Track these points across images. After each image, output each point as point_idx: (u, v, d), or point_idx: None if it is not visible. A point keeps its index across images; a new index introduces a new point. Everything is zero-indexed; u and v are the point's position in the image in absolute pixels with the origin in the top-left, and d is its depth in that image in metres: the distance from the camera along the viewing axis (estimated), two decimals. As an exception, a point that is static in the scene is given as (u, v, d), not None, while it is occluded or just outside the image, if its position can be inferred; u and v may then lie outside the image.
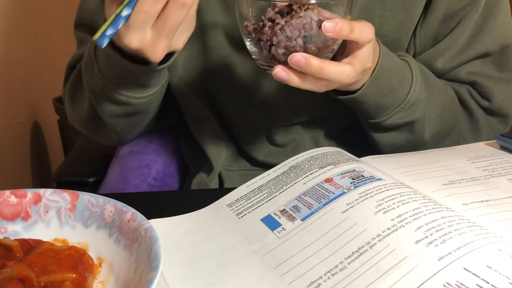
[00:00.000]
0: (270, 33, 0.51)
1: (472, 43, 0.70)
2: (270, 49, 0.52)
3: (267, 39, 0.51)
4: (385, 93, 0.62)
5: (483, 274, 0.36)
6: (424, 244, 0.40)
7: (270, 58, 0.52)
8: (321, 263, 0.42)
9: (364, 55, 0.54)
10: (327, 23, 0.48)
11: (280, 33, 0.50)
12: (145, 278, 0.39)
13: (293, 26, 0.50)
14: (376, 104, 0.63)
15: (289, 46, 0.51)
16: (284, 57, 0.51)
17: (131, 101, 0.64)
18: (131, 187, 0.80)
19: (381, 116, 0.65)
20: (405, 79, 0.63)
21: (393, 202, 0.45)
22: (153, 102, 0.69)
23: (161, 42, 0.51)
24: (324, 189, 0.50)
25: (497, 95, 0.73)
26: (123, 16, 0.49)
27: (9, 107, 1.34)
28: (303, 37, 0.51)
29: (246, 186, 0.56)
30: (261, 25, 0.52)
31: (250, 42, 0.54)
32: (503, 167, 0.60)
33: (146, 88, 0.63)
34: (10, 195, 0.50)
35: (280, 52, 0.51)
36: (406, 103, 0.63)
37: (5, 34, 1.33)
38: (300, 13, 0.51)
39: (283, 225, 0.48)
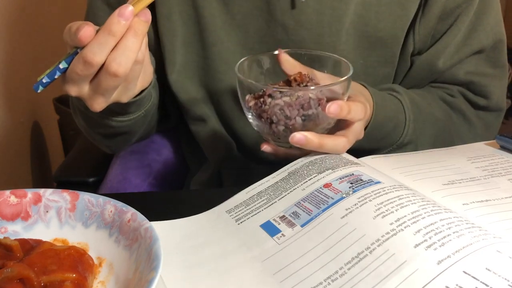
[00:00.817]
0: (270, 112, 0.54)
1: (468, 40, 0.72)
2: (270, 125, 0.54)
3: (267, 117, 0.54)
4: (379, 139, 0.66)
5: (483, 277, 0.36)
6: (423, 248, 0.40)
7: (271, 134, 0.55)
8: (321, 269, 0.42)
9: (357, 129, 0.58)
10: (332, 106, 0.52)
11: (280, 112, 0.53)
12: (145, 278, 0.39)
13: (292, 106, 0.53)
14: (370, 148, 0.67)
15: (288, 124, 0.54)
16: (284, 133, 0.55)
17: (112, 124, 0.65)
18: (132, 187, 0.80)
19: (375, 153, 0.68)
20: (398, 124, 0.67)
21: (391, 205, 0.45)
22: (138, 125, 0.69)
23: (97, 98, 0.52)
24: (323, 195, 0.50)
25: (493, 92, 0.75)
26: (60, 68, 0.51)
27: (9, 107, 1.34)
28: (302, 116, 0.54)
29: (245, 193, 0.56)
30: (262, 102, 0.54)
31: (251, 116, 0.57)
32: (503, 167, 0.60)
33: (126, 114, 0.64)
34: (10, 195, 0.50)
35: (280, 129, 0.55)
36: (399, 144, 0.68)
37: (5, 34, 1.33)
38: (299, 92, 0.53)
39: (282, 231, 0.48)
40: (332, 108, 0.52)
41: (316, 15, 0.67)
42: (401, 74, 0.74)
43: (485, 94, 0.75)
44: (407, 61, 0.73)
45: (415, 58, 0.73)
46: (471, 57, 0.73)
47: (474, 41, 0.72)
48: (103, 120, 0.64)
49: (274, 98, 0.54)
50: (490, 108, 0.77)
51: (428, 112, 0.71)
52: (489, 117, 0.78)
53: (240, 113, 0.75)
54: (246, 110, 0.57)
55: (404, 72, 0.74)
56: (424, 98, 0.73)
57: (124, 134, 0.70)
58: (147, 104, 0.65)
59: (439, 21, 0.70)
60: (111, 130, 0.67)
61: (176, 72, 0.73)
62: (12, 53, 1.37)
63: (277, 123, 0.54)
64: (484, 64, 0.74)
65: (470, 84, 0.75)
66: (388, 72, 0.72)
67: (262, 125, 0.56)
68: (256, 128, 0.57)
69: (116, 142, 0.73)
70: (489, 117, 0.78)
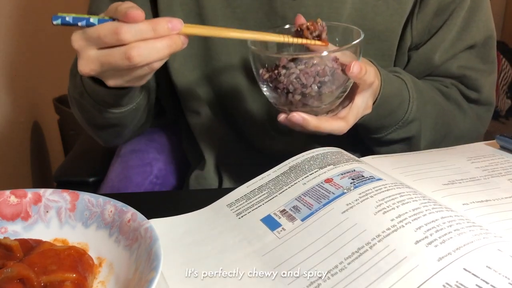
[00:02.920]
0: (286, 82, 0.54)
1: (462, 35, 0.73)
2: (287, 96, 0.54)
3: (284, 87, 0.54)
4: (385, 115, 0.67)
5: (483, 275, 0.36)
6: (424, 245, 0.40)
7: (288, 103, 0.55)
8: (321, 263, 0.42)
9: (361, 105, 0.59)
10: (355, 66, 0.53)
11: (296, 81, 0.53)
12: (145, 278, 0.39)
13: (308, 74, 0.53)
14: (376, 125, 0.68)
15: (305, 92, 0.54)
16: (301, 103, 0.55)
17: (104, 114, 0.66)
18: (133, 185, 0.80)
19: (380, 133, 0.70)
20: (403, 100, 0.68)
21: (393, 202, 0.45)
22: (130, 118, 0.70)
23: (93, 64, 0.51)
24: (324, 190, 0.50)
25: (484, 86, 0.77)
26: (89, 21, 0.50)
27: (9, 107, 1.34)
28: (318, 83, 0.54)
29: (246, 186, 0.56)
30: (277, 74, 0.54)
31: (266, 89, 0.57)
32: (503, 167, 0.60)
33: (118, 106, 0.65)
34: (10, 195, 0.50)
35: (297, 99, 0.54)
36: (404, 121, 0.69)
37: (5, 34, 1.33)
38: (314, 60, 0.54)
39: (283, 225, 0.48)
40: (355, 68, 0.53)
41: (314, 8, 0.68)
42: None
43: (476, 88, 0.77)
44: (405, 55, 0.74)
45: (412, 53, 0.75)
46: (464, 52, 0.75)
47: (468, 36, 0.73)
48: (96, 111, 0.66)
49: (289, 68, 0.54)
50: (480, 102, 0.79)
51: (428, 94, 0.73)
52: (479, 110, 0.80)
53: (241, 104, 0.75)
54: (261, 83, 0.57)
55: (402, 66, 0.75)
56: (424, 83, 0.74)
57: (116, 126, 0.71)
58: (138, 98, 0.67)
59: (434, 16, 0.72)
60: (103, 121, 0.69)
61: (178, 62, 0.73)
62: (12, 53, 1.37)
63: (293, 92, 0.54)
64: (475, 59, 0.76)
65: (462, 78, 0.77)
66: (386, 65, 0.73)
67: (278, 97, 0.56)
68: (272, 100, 0.58)
69: (108, 133, 0.75)
70: (480, 110, 0.80)
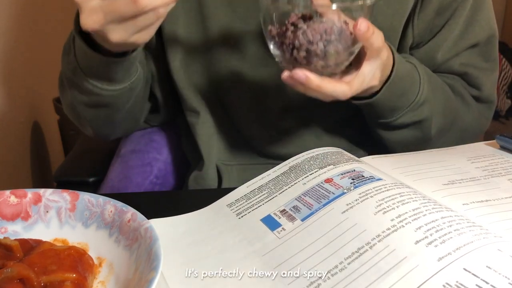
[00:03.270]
0: (293, 37, 0.53)
1: (465, 34, 0.73)
2: (292, 52, 0.54)
3: (290, 42, 0.53)
4: (398, 95, 0.66)
5: (483, 275, 0.36)
6: (424, 245, 0.40)
7: (293, 61, 0.54)
8: (321, 263, 0.42)
9: (367, 74, 0.57)
10: (362, 24, 0.52)
11: (302, 37, 0.53)
12: (145, 278, 0.39)
13: (315, 30, 0.53)
14: (389, 107, 0.67)
15: (310, 49, 0.53)
16: (306, 60, 0.53)
17: (96, 91, 0.64)
18: (133, 185, 0.80)
19: (391, 117, 0.68)
20: (414, 81, 0.67)
21: (393, 202, 0.45)
22: (122, 100, 0.69)
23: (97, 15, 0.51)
24: (324, 190, 0.50)
25: (485, 84, 0.77)
26: None
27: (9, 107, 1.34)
28: (324, 41, 0.53)
29: (246, 186, 0.56)
30: (284, 30, 0.54)
31: (273, 45, 0.56)
32: (503, 167, 0.60)
33: (112, 81, 0.64)
34: (10, 195, 0.50)
35: (302, 55, 0.53)
36: (415, 103, 0.67)
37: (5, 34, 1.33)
38: (322, 18, 0.53)
39: (283, 225, 0.48)
40: (362, 25, 0.52)
41: None
42: None
43: (477, 85, 0.77)
44: (406, 54, 0.74)
45: (414, 51, 0.75)
46: (466, 51, 0.75)
47: (470, 35, 0.73)
48: (89, 86, 0.64)
49: (297, 24, 0.54)
50: (481, 99, 0.79)
51: (437, 80, 0.72)
52: (480, 107, 0.80)
53: (242, 98, 0.75)
54: (268, 40, 0.57)
55: None
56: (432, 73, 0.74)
57: (108, 107, 0.69)
58: (134, 75, 0.66)
59: (436, 15, 0.71)
60: (95, 98, 0.66)
61: (178, 60, 0.73)
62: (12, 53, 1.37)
63: (299, 49, 0.53)
64: (477, 57, 0.76)
65: (464, 75, 0.77)
66: None
67: (283, 53, 0.55)
68: (278, 58, 0.57)
69: (98, 117, 0.72)
70: (481, 107, 0.80)
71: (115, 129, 0.79)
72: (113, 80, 0.64)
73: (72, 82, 0.67)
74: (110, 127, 0.77)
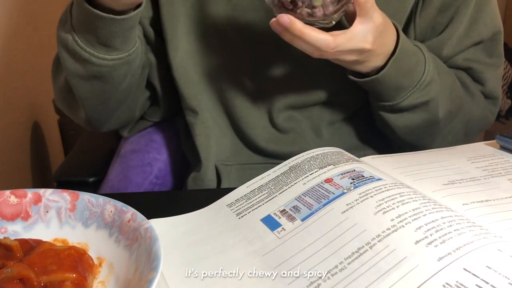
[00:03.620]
0: None
1: (470, 32, 0.73)
2: None
3: None
4: (404, 73, 0.65)
5: (483, 275, 0.36)
6: (424, 244, 0.40)
7: (280, 6, 0.56)
8: (320, 263, 0.42)
9: (357, 34, 0.58)
10: (283, 16, 0.54)
11: None
12: (145, 278, 0.39)
13: None
14: (396, 85, 0.66)
15: None
16: (292, 5, 0.55)
17: (93, 59, 0.64)
18: (133, 186, 0.80)
19: (398, 98, 0.68)
20: (419, 60, 0.66)
21: (393, 202, 0.45)
22: (119, 72, 0.67)
23: None
24: (324, 189, 0.50)
25: (489, 79, 0.77)
26: None
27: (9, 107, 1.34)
28: None
29: (246, 186, 0.56)
30: None
31: None
32: (503, 167, 0.60)
33: (110, 49, 0.63)
34: (10, 195, 0.50)
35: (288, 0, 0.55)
36: (422, 83, 0.67)
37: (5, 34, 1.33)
38: None
39: (283, 225, 0.48)
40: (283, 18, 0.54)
41: None
42: None
43: (481, 80, 0.77)
44: None
45: None
46: (471, 47, 0.75)
47: (475, 33, 0.73)
48: (86, 54, 0.63)
49: None
50: (485, 95, 0.79)
51: (441, 63, 0.72)
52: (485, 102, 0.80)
53: (242, 94, 0.75)
54: None
55: None
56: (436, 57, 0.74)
57: (102, 79, 0.68)
58: (132, 46, 0.66)
59: (439, 13, 0.71)
60: (90, 69, 0.65)
61: (179, 58, 0.73)
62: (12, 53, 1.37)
63: None
64: (482, 53, 0.76)
65: (468, 70, 0.77)
66: None
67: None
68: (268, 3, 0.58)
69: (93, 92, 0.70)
70: (485, 102, 0.80)
71: (109, 115, 0.77)
72: (111, 46, 0.63)
73: (68, 53, 0.65)
74: (104, 110, 0.75)
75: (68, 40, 0.64)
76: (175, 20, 0.72)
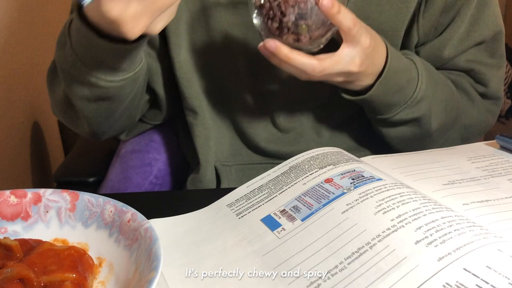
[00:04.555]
0: (268, 8, 0.56)
1: (471, 32, 0.73)
2: (267, 22, 0.57)
3: (266, 12, 0.56)
4: (393, 92, 0.66)
5: (483, 275, 0.36)
6: (424, 245, 0.40)
7: (268, 32, 0.58)
8: (321, 263, 0.42)
9: (343, 57, 0.59)
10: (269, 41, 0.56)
11: (277, 8, 0.55)
12: (145, 278, 0.39)
13: (288, 3, 0.55)
14: (385, 103, 0.67)
15: (282, 20, 0.55)
16: (278, 31, 0.56)
17: (100, 83, 0.61)
18: (133, 186, 0.80)
19: (389, 113, 0.68)
20: (411, 78, 0.67)
21: (393, 202, 0.45)
22: (126, 91, 0.66)
23: (143, 19, 0.49)
24: (324, 190, 0.50)
25: (491, 80, 0.77)
26: None
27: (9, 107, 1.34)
28: (296, 14, 0.55)
29: (246, 186, 0.56)
30: (266, 0, 0.56)
31: (255, 15, 0.59)
32: (503, 167, 0.60)
33: (117, 71, 0.61)
34: (10, 195, 0.50)
35: (274, 26, 0.56)
36: (412, 100, 0.67)
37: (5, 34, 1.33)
38: None
39: (283, 225, 0.48)
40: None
41: None
42: None
43: (483, 81, 0.77)
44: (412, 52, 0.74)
45: (419, 49, 0.75)
46: (472, 48, 0.75)
47: (476, 33, 0.73)
48: (92, 79, 0.61)
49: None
50: (487, 96, 0.79)
51: (438, 76, 0.72)
52: (487, 104, 0.79)
53: (244, 94, 0.75)
54: (251, 10, 0.59)
55: None
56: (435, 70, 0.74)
57: (109, 100, 0.66)
58: (139, 64, 0.63)
59: (441, 14, 0.71)
60: (97, 92, 0.63)
61: (183, 56, 0.73)
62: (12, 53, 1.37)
63: (272, 19, 0.56)
64: (483, 54, 0.76)
65: (470, 72, 0.77)
66: None
67: (260, 23, 0.58)
68: (257, 28, 0.60)
69: (99, 111, 0.68)
70: (487, 104, 0.80)
71: (113, 126, 0.76)
72: (118, 69, 0.61)
73: (71, 76, 0.63)
74: (108, 123, 0.74)
75: (70, 64, 0.61)
76: (177, 18, 0.71)
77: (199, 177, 0.77)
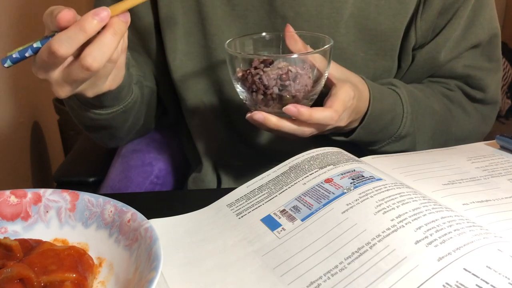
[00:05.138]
0: (251, 81, 0.57)
1: (467, 34, 0.74)
2: (252, 94, 0.58)
3: (249, 86, 0.58)
4: (376, 132, 0.68)
5: (483, 275, 0.36)
6: (424, 245, 0.40)
7: (253, 103, 0.59)
8: (321, 263, 0.42)
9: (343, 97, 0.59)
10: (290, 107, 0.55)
11: (259, 81, 0.57)
12: (145, 278, 0.39)
13: (270, 76, 0.56)
14: (369, 140, 0.69)
15: (266, 93, 0.57)
16: (264, 102, 0.58)
17: (91, 115, 0.64)
18: (133, 185, 0.80)
19: (374, 146, 0.71)
20: (396, 116, 0.69)
21: (393, 202, 0.45)
22: (118, 120, 0.68)
23: (63, 86, 0.52)
24: (324, 189, 0.50)
25: (489, 85, 0.77)
26: (33, 47, 0.50)
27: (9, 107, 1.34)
28: (280, 86, 0.57)
29: (246, 186, 0.56)
30: (248, 73, 0.58)
31: (239, 87, 0.60)
32: (503, 167, 0.60)
33: (103, 107, 0.64)
34: (10, 195, 0.50)
35: (259, 98, 0.57)
36: (396, 136, 0.70)
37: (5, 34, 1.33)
38: (279, 64, 0.57)
39: (283, 225, 0.48)
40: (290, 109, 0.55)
41: (315, 7, 0.68)
42: (404, 68, 0.75)
43: (481, 87, 0.77)
44: (409, 55, 0.74)
45: (416, 52, 0.75)
46: (469, 51, 0.75)
47: (472, 35, 0.73)
48: (83, 111, 0.64)
49: (258, 68, 0.57)
50: (486, 101, 0.79)
51: (426, 105, 0.73)
52: (485, 109, 0.80)
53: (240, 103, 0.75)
54: (235, 82, 0.60)
55: (407, 66, 0.75)
56: (423, 91, 0.74)
57: (106, 128, 0.70)
58: (127, 99, 0.66)
59: (438, 15, 0.71)
60: (91, 122, 0.67)
61: (179, 60, 0.73)
62: (12, 53, 1.37)
63: (257, 92, 0.57)
64: (480, 58, 0.76)
65: (467, 78, 0.77)
66: (388, 65, 0.73)
67: (245, 95, 0.59)
68: (243, 99, 0.61)
69: (101, 135, 0.73)
70: (485, 109, 0.80)
71: (124, 140, 0.80)
72: (104, 107, 0.64)
73: (70, 107, 0.67)
74: (116, 141, 0.79)
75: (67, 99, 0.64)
76: (172, 22, 0.71)
77: (200, 176, 0.77)
